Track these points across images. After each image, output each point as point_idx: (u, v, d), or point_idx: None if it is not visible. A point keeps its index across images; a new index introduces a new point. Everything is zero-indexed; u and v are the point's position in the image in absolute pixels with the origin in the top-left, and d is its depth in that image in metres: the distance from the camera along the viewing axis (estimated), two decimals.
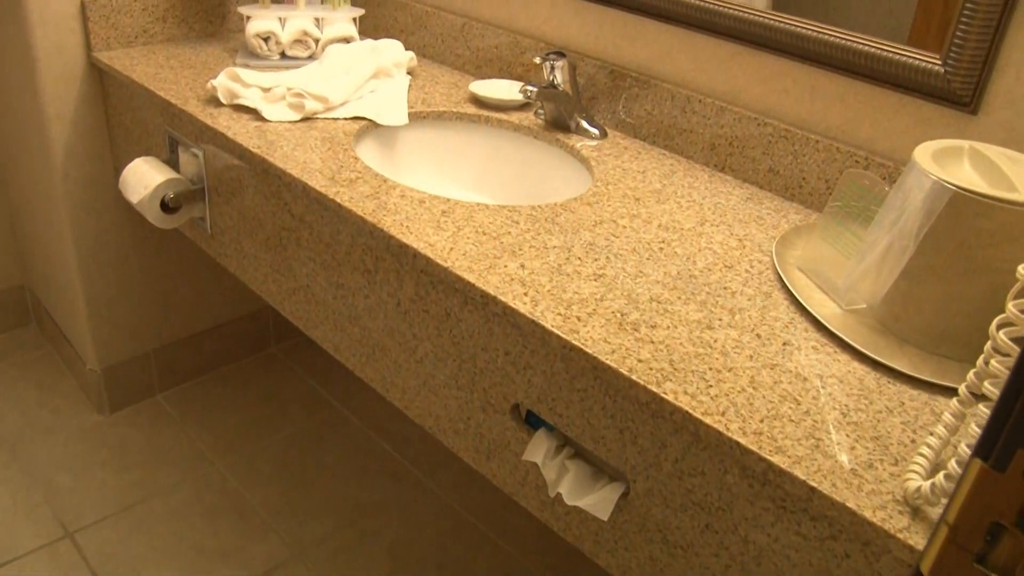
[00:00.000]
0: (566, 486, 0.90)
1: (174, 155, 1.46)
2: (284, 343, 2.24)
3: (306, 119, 1.34)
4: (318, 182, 1.13)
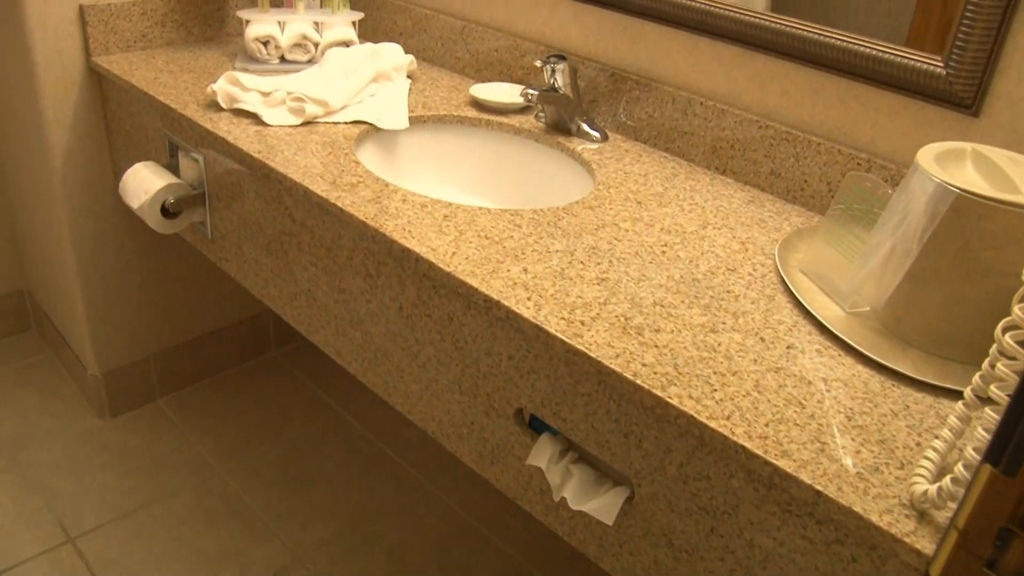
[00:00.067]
0: (570, 491, 0.90)
1: (174, 160, 1.46)
2: (284, 347, 2.23)
3: (306, 123, 1.33)
4: (319, 187, 1.13)
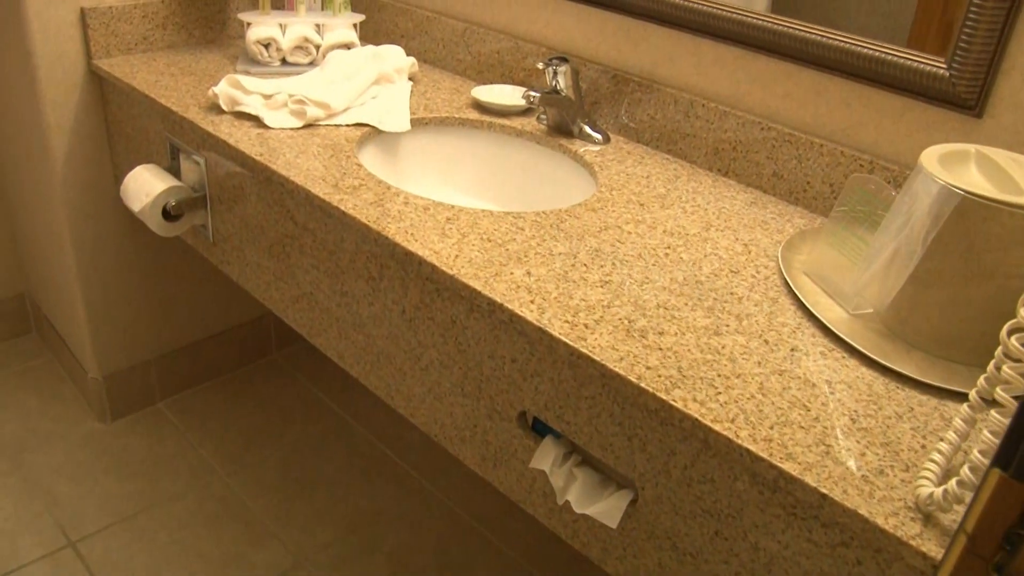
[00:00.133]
0: (574, 494, 0.90)
1: (175, 162, 1.46)
2: (285, 349, 2.23)
3: (308, 126, 1.33)
4: (321, 190, 1.12)
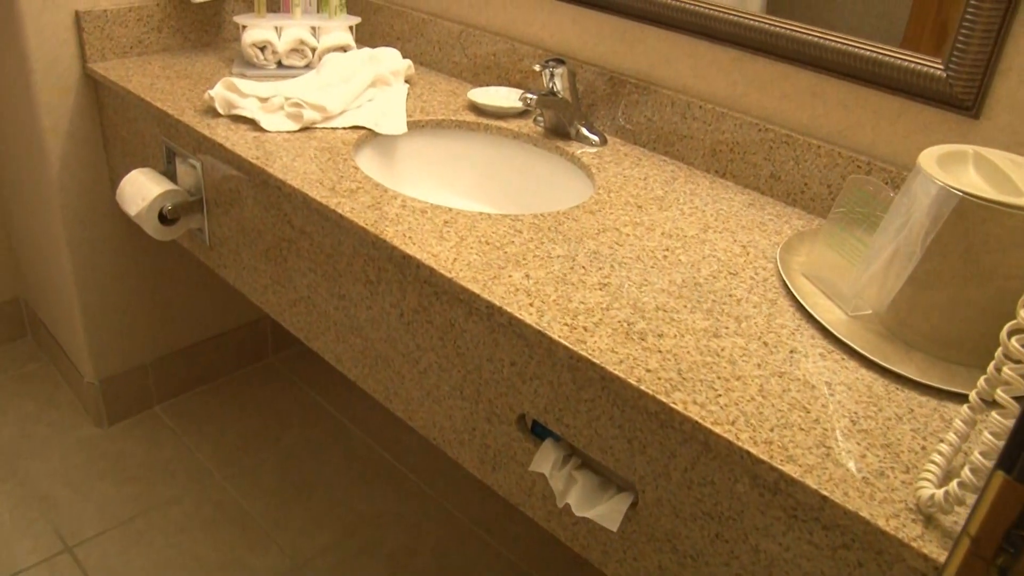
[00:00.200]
0: (574, 497, 0.90)
1: (171, 166, 1.45)
2: (282, 353, 2.23)
3: (305, 129, 1.33)
4: (319, 193, 1.12)
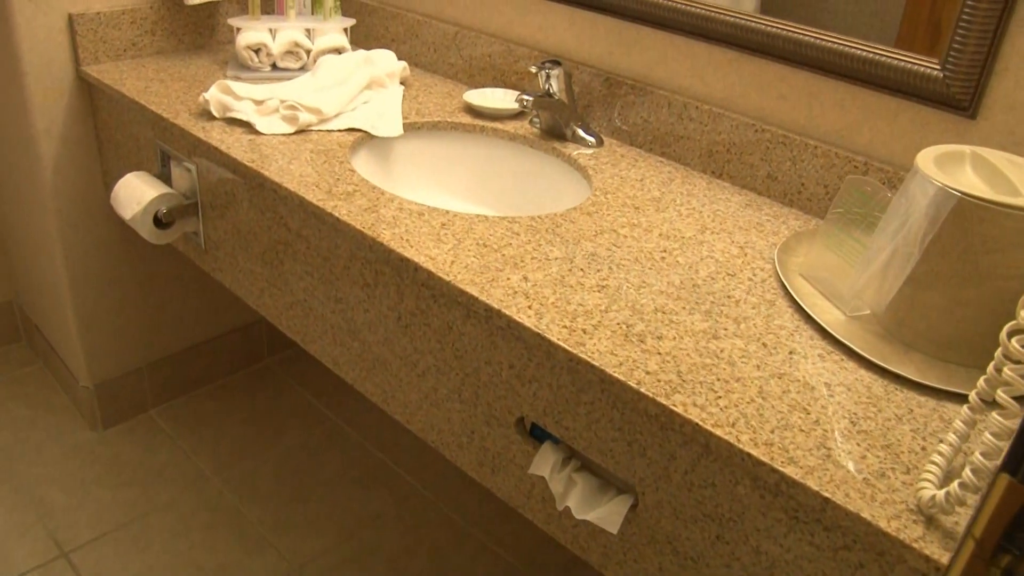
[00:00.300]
0: (574, 499, 0.90)
1: (166, 169, 1.45)
2: (278, 355, 2.22)
3: (300, 132, 1.32)
4: (315, 196, 1.12)
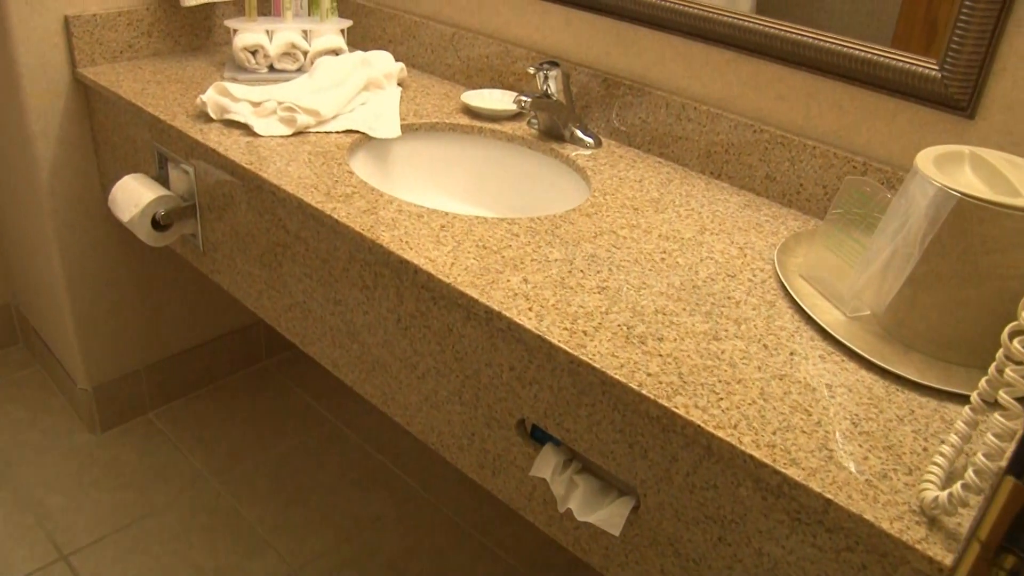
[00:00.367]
0: (576, 502, 0.90)
1: (163, 171, 1.44)
2: (276, 356, 2.22)
3: (298, 133, 1.32)
4: (314, 198, 1.11)
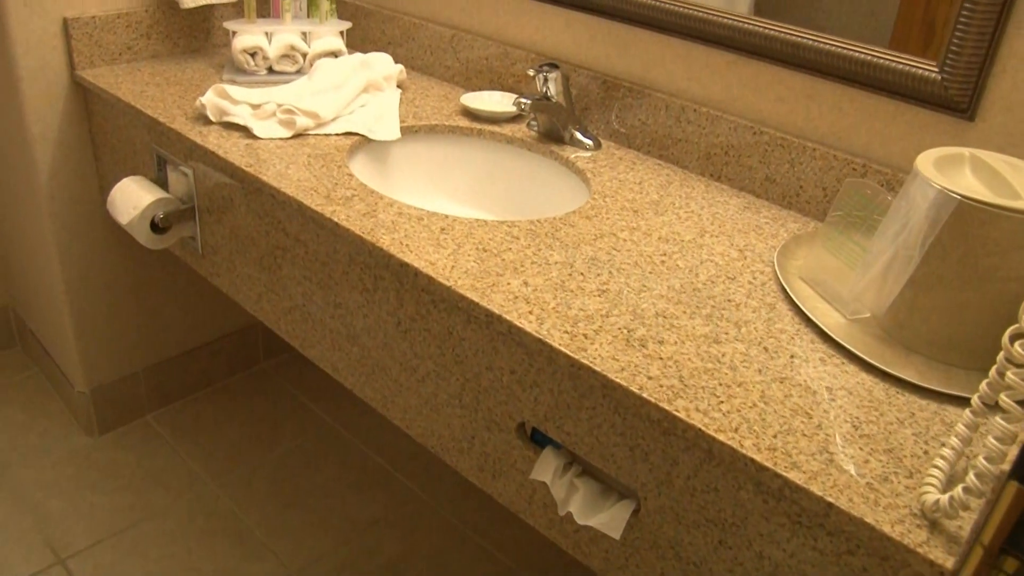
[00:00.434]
0: (576, 505, 0.89)
1: (162, 174, 1.44)
2: (274, 359, 2.21)
3: (297, 136, 1.32)
4: (313, 201, 1.11)
